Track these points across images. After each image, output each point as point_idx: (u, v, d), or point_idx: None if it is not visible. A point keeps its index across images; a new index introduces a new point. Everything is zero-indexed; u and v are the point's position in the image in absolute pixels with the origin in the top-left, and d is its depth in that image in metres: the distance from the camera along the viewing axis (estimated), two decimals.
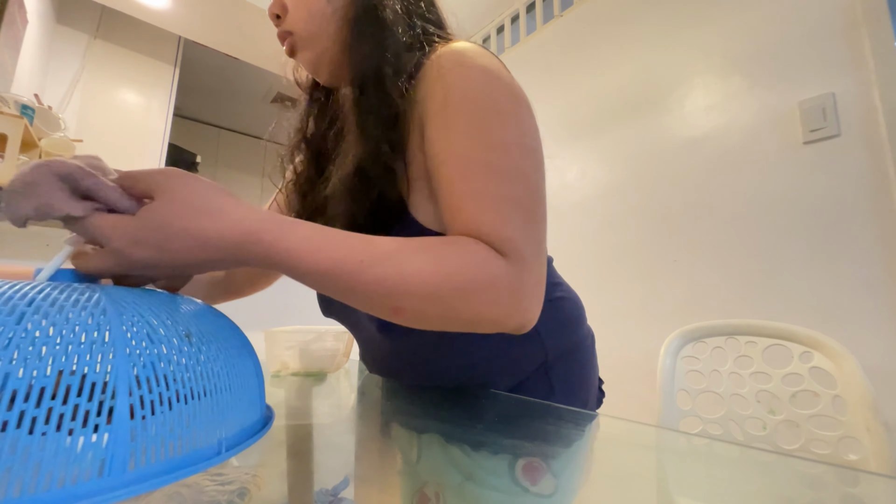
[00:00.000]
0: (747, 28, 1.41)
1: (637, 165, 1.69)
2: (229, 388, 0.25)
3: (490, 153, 0.39)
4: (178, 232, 0.29)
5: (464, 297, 0.34)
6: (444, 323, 0.36)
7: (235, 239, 0.31)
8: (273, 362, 0.65)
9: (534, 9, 2.32)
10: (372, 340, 0.55)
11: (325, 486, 0.26)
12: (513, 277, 0.36)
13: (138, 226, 0.28)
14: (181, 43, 2.77)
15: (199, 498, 0.22)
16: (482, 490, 0.26)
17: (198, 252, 0.30)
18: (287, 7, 0.50)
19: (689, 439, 0.49)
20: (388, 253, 0.34)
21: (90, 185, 0.28)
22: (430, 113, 0.42)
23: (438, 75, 0.42)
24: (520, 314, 0.37)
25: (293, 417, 0.42)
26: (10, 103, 1.08)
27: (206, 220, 0.30)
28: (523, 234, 0.38)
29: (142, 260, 0.28)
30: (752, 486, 0.28)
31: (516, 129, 0.41)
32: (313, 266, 0.33)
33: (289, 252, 0.32)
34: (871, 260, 1.09)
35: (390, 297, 0.34)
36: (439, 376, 0.53)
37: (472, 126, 0.40)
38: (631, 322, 1.59)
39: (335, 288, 0.34)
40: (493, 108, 0.41)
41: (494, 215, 0.37)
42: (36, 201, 0.26)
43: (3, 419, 0.16)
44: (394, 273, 0.33)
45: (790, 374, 0.76)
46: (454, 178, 0.39)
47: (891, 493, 0.27)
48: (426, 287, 0.34)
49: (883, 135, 1.10)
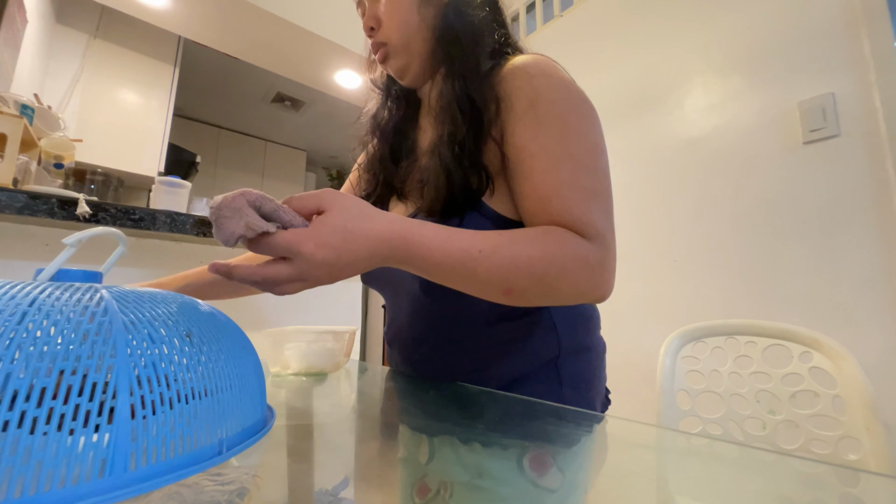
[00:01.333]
0: (747, 28, 1.41)
1: (637, 165, 1.69)
2: (230, 388, 0.25)
3: (575, 150, 0.46)
4: (352, 231, 0.35)
5: (564, 276, 0.42)
6: (545, 298, 0.44)
7: (389, 236, 0.37)
8: (273, 362, 0.65)
9: (534, 9, 2.32)
10: (408, 304, 0.59)
11: (325, 486, 0.26)
12: (600, 257, 0.43)
13: (322, 231, 0.34)
14: (181, 43, 2.76)
15: (199, 498, 0.22)
16: (490, 484, 0.26)
17: (365, 250, 0.36)
18: (381, 20, 0.56)
19: (689, 439, 0.49)
20: (502, 244, 0.41)
21: (273, 209, 0.34)
22: (516, 112, 0.48)
23: (526, 80, 0.48)
24: (604, 286, 0.44)
25: (293, 417, 0.42)
26: (10, 103, 1.08)
27: (369, 223, 0.37)
28: (604, 220, 0.45)
29: (324, 259, 0.34)
30: (752, 485, 0.28)
31: (593, 132, 0.48)
32: (443, 257, 0.39)
33: (424, 245, 0.39)
34: (871, 260, 1.09)
35: (505, 281, 0.41)
36: (459, 344, 0.55)
37: (558, 126, 0.46)
38: (631, 322, 1.59)
39: (458, 275, 0.41)
40: (575, 112, 0.47)
41: (582, 204, 0.44)
42: (243, 222, 0.32)
43: (4, 419, 0.16)
44: (508, 260, 0.40)
45: (790, 374, 0.76)
46: (545, 169, 0.45)
47: (891, 493, 0.27)
48: (534, 270, 0.41)
49: (883, 135, 1.10)
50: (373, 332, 4.37)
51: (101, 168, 1.32)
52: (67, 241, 0.29)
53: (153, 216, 0.94)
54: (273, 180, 4.50)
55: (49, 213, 0.82)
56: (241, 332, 0.30)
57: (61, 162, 1.14)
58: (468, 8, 0.55)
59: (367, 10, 0.58)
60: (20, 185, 0.97)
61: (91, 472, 0.17)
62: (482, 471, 0.28)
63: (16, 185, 0.95)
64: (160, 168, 2.59)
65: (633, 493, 0.27)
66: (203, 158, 3.32)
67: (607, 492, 0.28)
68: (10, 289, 0.21)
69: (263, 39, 2.29)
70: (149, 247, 1.06)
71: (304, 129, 4.39)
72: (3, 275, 0.87)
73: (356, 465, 0.30)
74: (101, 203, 0.89)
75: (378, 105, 0.68)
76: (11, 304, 0.19)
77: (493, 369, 0.54)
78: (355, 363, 0.87)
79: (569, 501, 0.25)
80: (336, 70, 2.51)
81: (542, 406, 0.45)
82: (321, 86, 2.69)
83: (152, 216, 0.94)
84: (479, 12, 0.55)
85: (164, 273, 1.09)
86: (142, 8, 2.10)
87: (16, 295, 0.20)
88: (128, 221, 0.91)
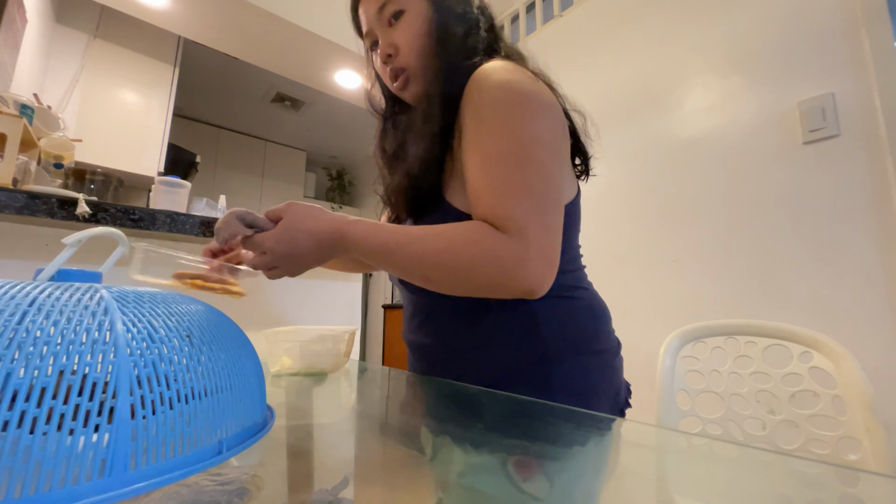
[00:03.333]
0: (747, 28, 1.41)
1: (637, 165, 1.69)
2: (230, 388, 0.25)
3: (508, 146, 0.48)
4: (298, 230, 0.49)
5: (471, 267, 0.45)
6: (464, 288, 0.47)
7: (329, 231, 0.49)
8: (273, 362, 0.65)
9: (534, 9, 2.31)
10: (409, 302, 0.65)
11: (325, 486, 0.26)
12: (514, 249, 0.44)
13: (277, 232, 0.49)
14: (181, 43, 2.76)
15: (199, 498, 0.22)
16: (476, 485, 0.26)
17: (311, 242, 0.49)
18: (399, 47, 0.58)
19: (688, 439, 0.49)
20: (416, 237, 0.48)
21: (253, 219, 0.50)
22: (465, 117, 0.52)
23: (476, 86, 0.51)
24: (524, 279, 0.44)
25: (293, 417, 0.42)
26: (10, 103, 1.08)
27: (313, 223, 0.49)
28: (528, 213, 0.45)
29: (282, 252, 0.48)
30: (752, 485, 0.28)
31: (534, 125, 0.49)
32: (370, 247, 0.48)
33: (356, 239, 0.49)
34: (870, 260, 1.09)
35: (420, 269, 0.47)
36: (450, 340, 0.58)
37: (495, 125, 0.49)
38: (631, 322, 1.59)
39: (384, 263, 0.49)
40: (515, 109, 0.49)
41: (506, 200, 0.46)
42: (230, 230, 0.49)
43: (4, 419, 0.16)
44: (419, 251, 0.47)
45: (790, 374, 0.76)
46: (477, 168, 0.49)
47: (890, 493, 0.27)
48: (441, 261, 0.46)
49: (883, 135, 1.10)
50: (373, 332, 4.37)
51: (100, 168, 1.32)
52: (67, 241, 0.29)
53: (153, 216, 0.94)
54: (273, 180, 4.50)
55: (49, 212, 0.82)
56: (241, 332, 0.30)
57: (61, 162, 1.14)
58: (456, 24, 0.58)
59: (382, 39, 0.59)
60: (20, 185, 0.97)
61: (91, 472, 0.17)
62: (472, 471, 0.28)
63: (15, 184, 0.95)
64: (160, 168, 2.59)
65: (633, 493, 0.27)
66: (203, 158, 3.32)
67: (607, 492, 0.28)
68: (10, 289, 0.21)
69: (263, 39, 2.29)
70: None
71: (303, 129, 4.39)
72: (3, 275, 0.87)
73: (356, 465, 0.30)
74: (101, 203, 0.89)
75: (381, 134, 0.70)
76: (11, 304, 0.19)
77: (477, 362, 0.55)
78: (355, 363, 0.87)
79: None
80: (336, 70, 2.51)
81: (542, 406, 0.45)
82: (321, 86, 2.69)
83: (152, 216, 0.94)
84: (466, 24, 0.58)
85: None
86: (142, 8, 2.10)
87: (16, 295, 0.20)
88: (128, 221, 0.91)
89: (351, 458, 0.33)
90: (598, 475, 0.31)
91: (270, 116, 4.13)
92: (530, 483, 0.26)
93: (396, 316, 3.73)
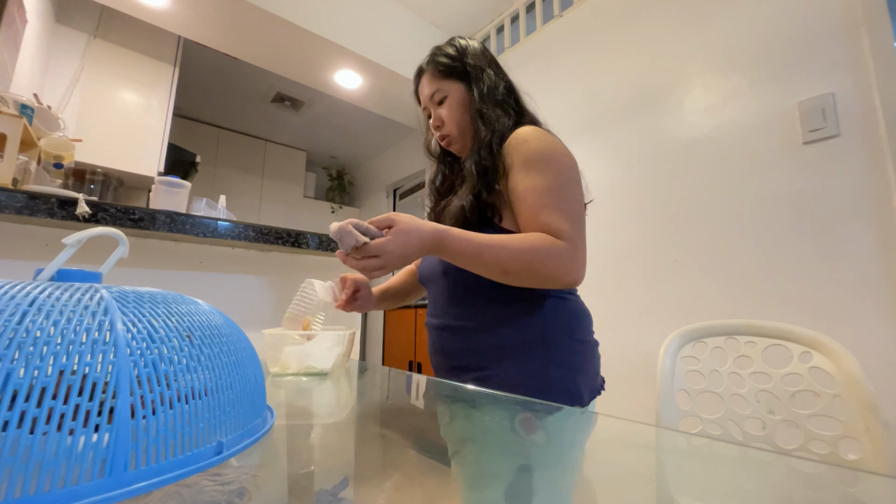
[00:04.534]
0: (747, 28, 1.41)
1: (637, 165, 1.69)
2: (230, 388, 0.25)
3: (553, 185, 0.67)
4: (409, 233, 0.60)
5: (544, 263, 0.62)
6: (532, 279, 0.63)
7: (433, 233, 0.61)
8: (273, 362, 0.65)
9: (534, 9, 2.32)
10: (438, 287, 0.80)
11: (325, 486, 0.26)
12: (570, 251, 0.63)
13: (392, 238, 0.59)
14: (181, 43, 2.76)
15: (199, 498, 0.22)
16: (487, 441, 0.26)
17: (419, 241, 0.60)
18: (444, 121, 0.82)
19: (688, 439, 0.49)
20: (500, 240, 0.63)
21: (366, 227, 0.60)
22: (515, 166, 0.70)
23: (521, 144, 0.70)
24: (574, 273, 0.64)
25: (293, 417, 0.42)
26: (10, 103, 1.08)
27: (420, 227, 0.61)
28: (573, 229, 0.65)
29: (397, 254, 0.59)
30: (752, 485, 0.28)
31: (569, 172, 0.70)
32: (464, 248, 0.62)
33: (452, 240, 0.62)
34: (870, 260, 1.09)
35: (503, 264, 0.62)
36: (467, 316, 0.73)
37: (542, 171, 0.68)
38: (631, 322, 1.59)
39: (473, 259, 0.63)
40: (555, 161, 0.69)
41: (558, 219, 0.65)
42: (353, 238, 0.57)
43: (4, 419, 0.16)
44: (505, 251, 0.62)
45: (790, 374, 0.76)
46: (534, 198, 0.67)
47: (890, 493, 0.27)
48: (522, 257, 0.62)
49: (883, 135, 1.10)
50: (373, 333, 4.37)
51: (100, 168, 1.32)
52: (67, 241, 0.29)
53: (153, 216, 0.94)
54: (273, 180, 4.50)
55: (49, 213, 0.82)
56: (241, 333, 0.30)
57: (61, 162, 1.14)
58: (492, 108, 0.78)
59: (434, 114, 0.83)
60: (20, 185, 0.97)
61: (91, 472, 0.17)
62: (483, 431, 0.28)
63: (15, 185, 0.95)
64: (160, 168, 2.59)
65: (633, 493, 0.27)
66: (203, 158, 3.32)
67: (607, 492, 0.28)
68: (10, 289, 0.21)
69: (263, 39, 2.29)
70: (148, 247, 1.06)
71: (303, 128, 4.39)
72: (3, 275, 0.87)
73: (356, 465, 0.30)
74: (101, 203, 0.89)
75: (435, 172, 0.93)
76: (11, 304, 0.19)
77: (489, 336, 0.70)
78: (355, 363, 0.87)
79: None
80: (336, 70, 2.51)
81: (542, 406, 0.45)
82: (321, 86, 2.69)
83: (152, 216, 0.94)
84: (500, 107, 0.78)
85: (164, 273, 1.09)
86: (142, 8, 2.10)
87: (16, 295, 0.20)
88: (127, 221, 0.91)
89: (351, 458, 0.33)
90: (597, 475, 0.31)
91: (270, 116, 4.13)
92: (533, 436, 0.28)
93: (396, 316, 3.73)
